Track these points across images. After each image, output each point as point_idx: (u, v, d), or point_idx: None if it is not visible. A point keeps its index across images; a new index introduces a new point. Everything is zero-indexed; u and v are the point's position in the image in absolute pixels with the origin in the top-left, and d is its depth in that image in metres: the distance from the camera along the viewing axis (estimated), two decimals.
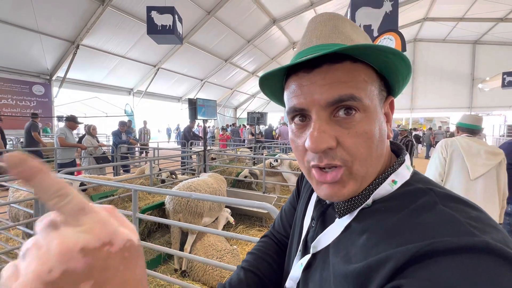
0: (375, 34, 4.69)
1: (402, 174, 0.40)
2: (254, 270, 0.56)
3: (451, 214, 0.32)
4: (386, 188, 0.39)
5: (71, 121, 4.84)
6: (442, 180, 2.16)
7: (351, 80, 0.37)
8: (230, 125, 15.52)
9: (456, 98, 18.34)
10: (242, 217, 4.01)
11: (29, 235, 2.45)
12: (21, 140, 6.82)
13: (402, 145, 0.46)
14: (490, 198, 2.02)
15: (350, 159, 0.37)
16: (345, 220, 0.41)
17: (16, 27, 7.38)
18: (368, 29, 4.85)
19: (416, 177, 0.41)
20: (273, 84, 0.45)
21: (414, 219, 0.33)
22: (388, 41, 3.91)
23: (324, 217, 0.46)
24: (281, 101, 0.47)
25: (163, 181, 3.85)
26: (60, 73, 9.43)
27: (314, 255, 0.44)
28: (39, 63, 8.93)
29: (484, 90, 15.97)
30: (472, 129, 2.21)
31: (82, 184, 2.60)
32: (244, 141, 12.63)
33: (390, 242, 0.32)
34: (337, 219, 0.42)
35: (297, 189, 0.64)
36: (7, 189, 3.41)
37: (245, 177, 4.52)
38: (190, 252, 2.60)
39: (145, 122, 10.54)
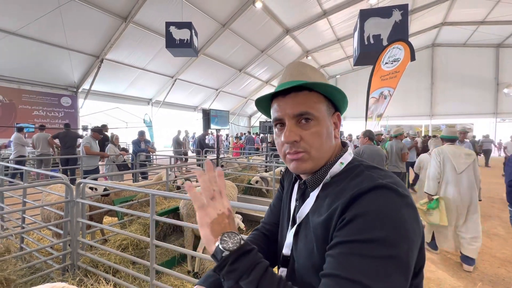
0: (384, 43, 4.72)
1: (346, 158, 0.65)
2: None
3: (370, 174, 0.56)
4: (337, 167, 0.63)
5: (96, 132, 5.21)
6: (440, 176, 3.15)
7: (306, 102, 0.61)
8: (245, 134, 15.76)
9: (479, 104, 17.53)
10: (253, 223, 4.11)
11: (58, 235, 2.69)
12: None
13: (346, 141, 0.71)
14: (471, 185, 3.04)
15: (309, 147, 0.61)
16: (315, 193, 0.64)
17: (48, 45, 8.10)
18: (377, 38, 4.91)
19: (355, 159, 0.65)
20: (264, 105, 0.71)
21: (352, 181, 0.57)
22: (397, 50, 3.94)
23: (303, 197, 0.68)
24: (269, 115, 0.72)
25: (178, 188, 4.05)
26: (86, 85, 10.13)
27: (299, 224, 0.64)
28: (67, 76, 9.67)
29: (510, 95, 15.23)
30: (451, 139, 3.24)
31: (105, 189, 2.84)
32: (257, 149, 12.78)
33: (340, 197, 0.55)
34: (311, 194, 0.65)
35: (280, 184, 0.86)
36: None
37: (256, 182, 4.64)
38: None
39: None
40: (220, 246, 0.53)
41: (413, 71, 16.93)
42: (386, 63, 4.16)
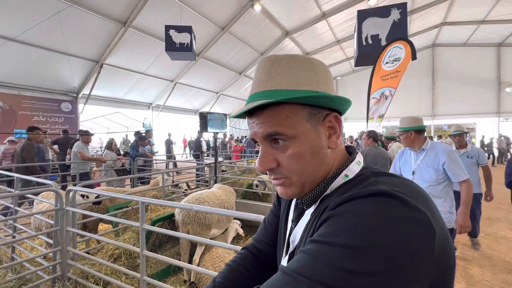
0: (383, 43, 4.64)
1: (353, 169, 0.52)
2: (227, 283, 0.63)
3: (375, 179, 0.46)
4: (340, 181, 0.51)
5: (86, 135, 5.12)
6: None
7: (274, 119, 0.49)
8: (245, 136, 15.69)
9: (481, 104, 17.36)
10: (252, 228, 4.00)
11: (49, 245, 2.61)
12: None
13: (355, 147, 0.58)
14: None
15: (289, 174, 0.51)
16: (311, 210, 0.53)
17: (48, 51, 8.09)
18: (375, 39, 4.82)
19: (365, 168, 0.53)
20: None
21: (353, 188, 0.46)
22: (398, 49, 3.85)
23: (299, 217, 0.57)
24: None
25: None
26: (86, 90, 10.12)
27: (294, 250, 0.54)
28: (67, 82, 9.66)
29: None
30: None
31: (97, 196, 2.76)
32: (258, 151, 12.69)
33: (337, 203, 0.43)
34: (306, 212, 0.55)
35: (277, 200, 0.75)
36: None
37: (256, 186, 4.54)
38: (198, 264, 2.64)
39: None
40: None
41: (414, 72, 16.81)
42: (386, 62, 4.07)
